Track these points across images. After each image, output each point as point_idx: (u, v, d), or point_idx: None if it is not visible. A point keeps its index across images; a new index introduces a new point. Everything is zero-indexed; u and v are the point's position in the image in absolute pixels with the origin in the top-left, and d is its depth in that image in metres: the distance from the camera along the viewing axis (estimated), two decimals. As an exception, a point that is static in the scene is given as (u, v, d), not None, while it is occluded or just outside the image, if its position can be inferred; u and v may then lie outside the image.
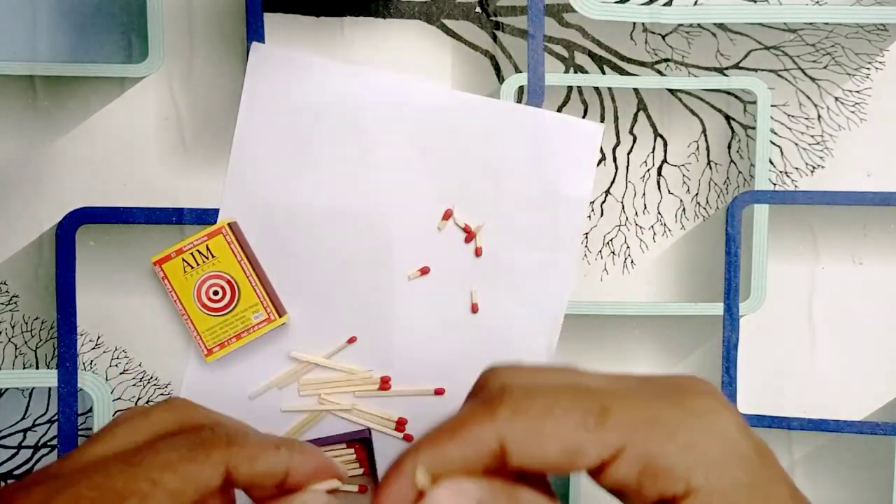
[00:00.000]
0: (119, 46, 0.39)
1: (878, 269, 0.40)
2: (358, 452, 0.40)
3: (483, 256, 0.40)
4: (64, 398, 0.40)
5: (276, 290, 0.40)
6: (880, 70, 0.40)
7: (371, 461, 0.40)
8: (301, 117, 0.39)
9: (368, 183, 0.40)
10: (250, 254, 0.39)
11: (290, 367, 0.40)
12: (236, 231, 0.39)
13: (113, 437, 0.25)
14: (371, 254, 0.40)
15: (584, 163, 0.40)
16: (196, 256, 0.38)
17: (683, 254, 0.40)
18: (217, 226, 0.38)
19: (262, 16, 0.39)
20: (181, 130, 0.40)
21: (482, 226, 0.40)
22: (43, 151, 0.40)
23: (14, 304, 0.40)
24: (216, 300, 0.38)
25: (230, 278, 0.38)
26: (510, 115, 0.40)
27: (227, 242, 0.38)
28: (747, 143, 0.40)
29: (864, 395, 0.40)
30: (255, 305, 0.38)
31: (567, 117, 0.40)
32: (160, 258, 0.38)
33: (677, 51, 0.40)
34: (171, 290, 0.38)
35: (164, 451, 0.24)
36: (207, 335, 0.38)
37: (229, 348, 0.38)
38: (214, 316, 0.38)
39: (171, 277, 0.38)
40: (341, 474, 0.27)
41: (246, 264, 0.38)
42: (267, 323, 0.38)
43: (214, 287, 0.38)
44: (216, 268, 0.38)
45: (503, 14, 0.40)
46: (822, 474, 0.40)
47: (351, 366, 0.40)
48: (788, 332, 0.40)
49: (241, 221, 0.40)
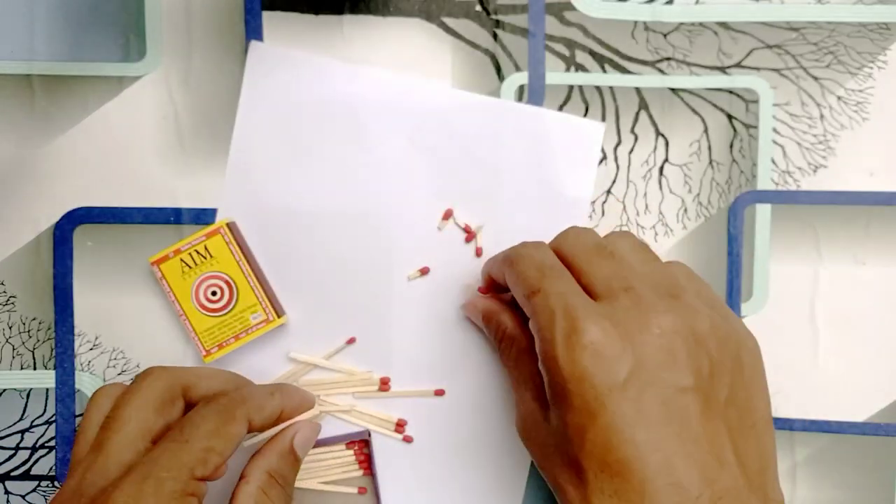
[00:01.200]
0: (117, 45, 0.39)
1: (881, 270, 0.40)
2: (357, 454, 0.40)
3: (484, 256, 0.39)
4: (62, 399, 0.40)
5: (275, 290, 0.39)
6: (883, 69, 0.39)
7: (371, 462, 0.40)
8: (300, 116, 0.39)
9: (368, 182, 0.39)
10: (249, 254, 0.39)
11: (289, 368, 0.39)
12: (235, 231, 0.38)
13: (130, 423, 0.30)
14: (370, 254, 0.39)
15: (585, 162, 0.40)
16: (194, 256, 0.38)
17: (685, 254, 0.40)
18: (215, 226, 0.38)
19: (260, 14, 0.39)
20: (179, 129, 0.39)
21: (482, 226, 0.39)
22: (40, 151, 0.39)
23: (11, 305, 0.40)
24: (214, 301, 0.38)
25: (228, 279, 0.38)
26: (511, 114, 0.39)
27: (226, 242, 0.38)
28: (749, 143, 0.40)
29: (867, 395, 0.40)
30: (254, 306, 0.38)
31: (568, 116, 0.39)
32: (158, 258, 0.38)
33: (679, 49, 0.39)
34: (168, 290, 0.38)
35: (203, 423, 0.30)
36: (205, 336, 0.38)
37: (228, 349, 0.38)
38: (212, 316, 0.38)
39: (168, 278, 0.38)
40: (313, 401, 0.36)
41: (244, 264, 0.38)
42: (266, 324, 0.38)
43: (213, 287, 0.38)
44: (214, 268, 0.38)
45: (504, 12, 0.39)
46: (824, 475, 0.40)
47: (350, 367, 0.40)
48: (791, 333, 0.40)
49: (239, 221, 0.39)
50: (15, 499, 0.40)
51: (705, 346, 0.28)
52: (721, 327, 0.29)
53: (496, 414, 0.39)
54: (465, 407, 0.39)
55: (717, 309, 0.30)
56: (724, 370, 0.28)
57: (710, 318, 0.29)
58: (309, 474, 0.40)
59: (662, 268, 0.31)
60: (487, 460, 0.39)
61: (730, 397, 0.28)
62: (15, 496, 0.40)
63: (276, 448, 0.33)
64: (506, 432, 0.39)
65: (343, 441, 0.40)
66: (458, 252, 0.39)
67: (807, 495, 0.40)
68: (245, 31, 0.39)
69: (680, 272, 0.31)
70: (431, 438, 0.40)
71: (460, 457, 0.39)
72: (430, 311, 0.39)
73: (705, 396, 0.27)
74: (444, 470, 0.39)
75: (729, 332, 0.30)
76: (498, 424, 0.39)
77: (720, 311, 0.30)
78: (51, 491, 0.40)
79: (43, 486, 0.40)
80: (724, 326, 0.30)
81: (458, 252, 0.39)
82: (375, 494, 0.40)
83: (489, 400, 0.39)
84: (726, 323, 0.30)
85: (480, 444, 0.39)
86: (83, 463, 0.30)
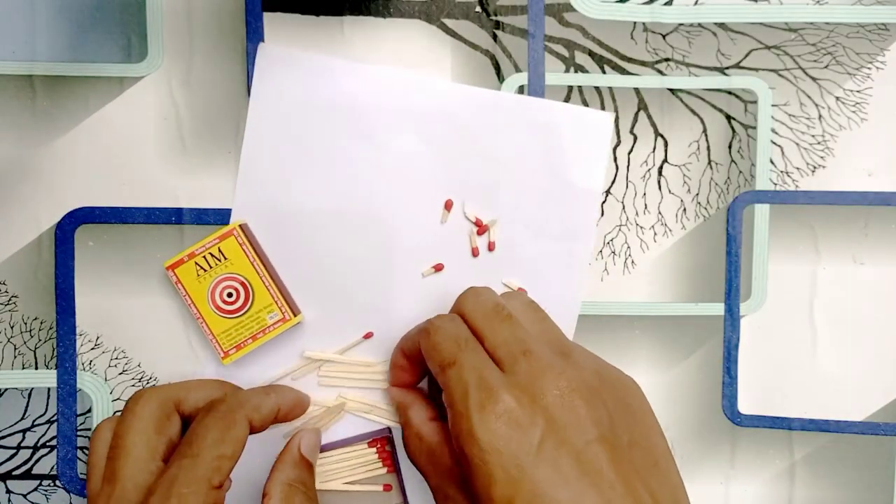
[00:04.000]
0: (118, 46, 0.39)
1: (879, 269, 0.40)
2: (380, 452, 0.40)
3: (496, 251, 0.39)
4: (63, 398, 0.40)
5: (290, 289, 0.39)
6: (881, 70, 0.39)
7: (394, 459, 0.40)
8: (310, 116, 0.39)
9: (378, 180, 0.40)
10: (262, 255, 0.39)
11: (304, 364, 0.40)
12: (248, 232, 0.39)
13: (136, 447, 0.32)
14: (384, 250, 0.40)
15: (595, 153, 0.40)
16: (208, 259, 0.38)
17: (684, 254, 0.40)
18: (228, 228, 0.38)
19: (261, 15, 0.39)
20: (180, 130, 0.40)
21: (496, 220, 0.39)
22: (42, 151, 0.40)
23: (13, 305, 0.40)
24: (230, 302, 0.38)
25: (244, 280, 0.38)
26: (519, 108, 0.39)
27: (239, 244, 0.38)
28: (748, 143, 0.40)
29: (865, 395, 0.40)
30: (270, 306, 0.38)
31: (576, 107, 0.39)
32: (172, 263, 0.38)
33: (678, 50, 0.40)
34: (184, 293, 0.38)
35: (208, 434, 0.31)
36: (223, 338, 0.38)
37: (246, 350, 0.38)
38: (229, 318, 0.38)
39: (184, 281, 0.38)
40: (309, 401, 0.38)
41: (259, 265, 0.38)
42: (282, 323, 0.38)
43: (228, 289, 0.38)
44: (229, 270, 0.38)
45: (503, 13, 0.40)
46: (823, 475, 0.40)
47: (366, 359, 0.40)
48: (789, 333, 0.40)
49: (251, 222, 0.39)
50: (16, 498, 0.40)
51: (600, 397, 0.30)
52: (606, 377, 0.31)
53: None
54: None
55: (597, 359, 0.32)
56: (620, 416, 0.30)
57: (597, 371, 0.31)
58: (334, 476, 0.40)
59: (550, 326, 0.34)
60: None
61: (631, 440, 0.29)
62: (16, 495, 0.40)
63: (287, 459, 0.35)
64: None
65: (365, 440, 0.40)
66: (472, 247, 0.40)
67: (805, 494, 0.40)
68: (246, 33, 0.39)
69: (560, 330, 0.34)
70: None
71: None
72: (446, 307, 0.39)
73: (611, 445, 0.28)
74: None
75: (613, 381, 0.31)
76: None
77: (598, 360, 0.32)
78: (52, 490, 0.40)
79: (44, 486, 0.40)
80: (609, 375, 0.31)
81: (472, 247, 0.40)
82: (401, 490, 0.40)
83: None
84: (608, 371, 0.32)
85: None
86: (101, 496, 0.31)
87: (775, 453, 0.40)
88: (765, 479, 0.40)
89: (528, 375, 0.30)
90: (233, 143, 0.40)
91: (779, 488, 0.40)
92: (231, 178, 0.40)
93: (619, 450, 0.29)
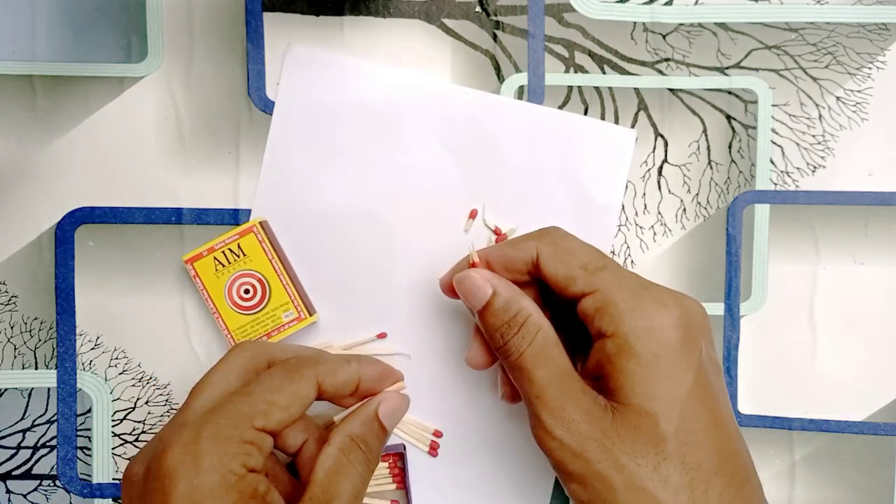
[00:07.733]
0: (118, 46, 0.39)
1: (879, 269, 0.40)
2: (392, 467, 0.40)
3: None
4: (63, 398, 0.40)
5: (307, 289, 0.39)
6: (882, 69, 0.39)
7: (405, 476, 0.40)
8: (336, 118, 0.39)
9: (399, 183, 0.40)
10: (281, 253, 0.39)
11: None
12: (267, 230, 0.39)
13: (213, 386, 0.31)
14: (401, 254, 0.40)
15: (616, 168, 0.40)
16: (227, 255, 0.38)
17: (684, 254, 0.40)
18: (248, 224, 0.38)
19: (261, 15, 0.39)
20: (180, 130, 0.40)
21: (515, 229, 0.39)
22: (42, 151, 0.40)
23: (13, 305, 0.40)
24: (247, 298, 0.38)
25: (261, 277, 0.38)
26: (543, 119, 0.39)
27: (259, 241, 0.38)
28: (748, 143, 0.40)
29: (865, 395, 0.40)
30: (286, 304, 0.38)
31: (600, 122, 0.39)
32: (191, 256, 0.38)
33: (678, 50, 0.40)
34: (202, 288, 0.38)
35: (268, 380, 0.31)
36: (238, 334, 0.38)
37: None
38: (246, 314, 0.38)
39: (202, 276, 0.38)
40: (400, 377, 0.36)
41: (277, 263, 0.38)
42: (297, 322, 0.38)
43: (245, 286, 0.38)
44: (247, 266, 0.38)
45: (503, 13, 0.40)
46: (823, 475, 0.40)
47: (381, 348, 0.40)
48: (789, 333, 0.40)
49: (271, 220, 0.39)
50: (16, 498, 0.40)
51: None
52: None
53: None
54: (499, 411, 0.40)
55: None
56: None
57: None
58: None
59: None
60: (519, 475, 0.40)
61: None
62: (16, 495, 0.40)
63: (360, 415, 0.33)
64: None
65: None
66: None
67: (805, 494, 0.40)
68: (246, 33, 0.39)
69: None
70: (466, 453, 0.40)
71: (491, 470, 0.40)
72: (462, 313, 0.40)
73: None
74: (475, 488, 0.40)
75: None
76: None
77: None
78: (52, 490, 0.40)
79: (44, 486, 0.40)
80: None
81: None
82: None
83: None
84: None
85: (512, 455, 0.40)
86: (172, 419, 0.31)
87: (775, 453, 0.40)
88: (765, 479, 0.40)
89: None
90: (233, 143, 0.40)
91: (779, 488, 0.40)
92: (231, 178, 0.40)
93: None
